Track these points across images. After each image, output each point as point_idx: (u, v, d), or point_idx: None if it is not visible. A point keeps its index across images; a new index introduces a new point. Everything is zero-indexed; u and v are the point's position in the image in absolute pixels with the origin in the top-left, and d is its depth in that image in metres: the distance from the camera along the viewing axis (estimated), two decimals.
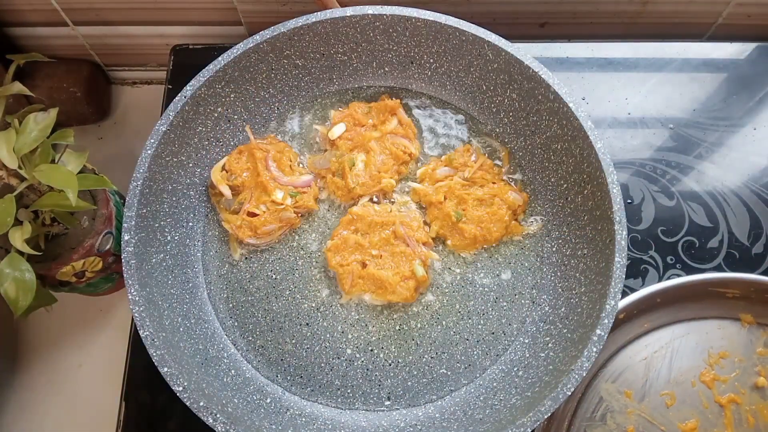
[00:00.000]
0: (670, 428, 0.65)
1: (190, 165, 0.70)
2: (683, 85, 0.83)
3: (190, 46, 0.86)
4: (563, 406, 0.65)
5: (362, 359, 0.66)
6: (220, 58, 0.67)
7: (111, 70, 0.95)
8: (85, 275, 0.66)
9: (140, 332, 0.57)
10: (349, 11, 0.69)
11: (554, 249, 0.69)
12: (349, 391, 0.64)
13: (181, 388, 0.55)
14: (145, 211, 0.63)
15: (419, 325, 0.67)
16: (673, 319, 0.68)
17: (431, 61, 0.74)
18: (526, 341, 0.65)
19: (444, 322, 0.67)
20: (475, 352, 0.66)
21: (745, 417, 0.65)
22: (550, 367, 0.59)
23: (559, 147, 0.68)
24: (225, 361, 0.64)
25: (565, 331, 0.62)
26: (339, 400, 0.64)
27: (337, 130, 0.72)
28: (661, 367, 0.67)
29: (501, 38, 0.67)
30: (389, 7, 0.69)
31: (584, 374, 0.55)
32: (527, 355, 0.64)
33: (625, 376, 0.67)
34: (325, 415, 0.63)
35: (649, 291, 0.66)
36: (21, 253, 0.57)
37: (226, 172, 0.71)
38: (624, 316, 0.67)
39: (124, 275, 0.59)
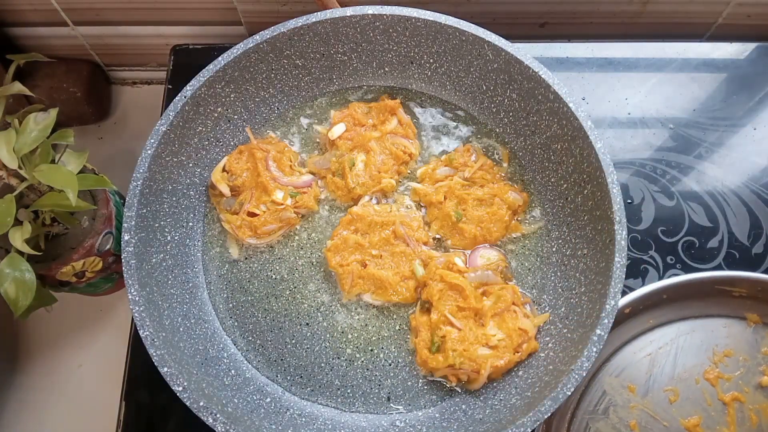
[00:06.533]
0: (673, 424, 0.65)
1: (190, 165, 0.70)
2: (683, 85, 0.83)
3: (190, 46, 0.86)
4: (566, 399, 0.65)
5: (362, 359, 0.66)
6: (220, 58, 0.67)
7: (111, 70, 0.95)
8: (85, 275, 0.66)
9: (140, 332, 0.57)
10: (349, 11, 0.69)
11: (554, 249, 0.69)
12: (349, 391, 0.64)
13: (181, 388, 0.55)
14: (145, 211, 0.63)
15: None
16: (679, 316, 0.68)
17: (431, 61, 0.74)
18: None
19: None
20: None
21: (748, 415, 0.65)
22: (550, 367, 0.59)
23: (559, 147, 0.68)
24: (225, 361, 0.64)
25: (565, 331, 0.62)
26: (339, 400, 0.64)
27: (337, 130, 0.72)
28: (665, 363, 0.67)
29: (501, 38, 0.67)
30: (389, 7, 0.69)
31: (584, 374, 0.55)
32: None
33: (628, 371, 0.67)
34: (325, 415, 0.63)
35: (655, 287, 0.66)
36: (21, 253, 0.57)
37: (227, 172, 0.71)
38: (629, 311, 0.66)
39: (124, 275, 0.59)
